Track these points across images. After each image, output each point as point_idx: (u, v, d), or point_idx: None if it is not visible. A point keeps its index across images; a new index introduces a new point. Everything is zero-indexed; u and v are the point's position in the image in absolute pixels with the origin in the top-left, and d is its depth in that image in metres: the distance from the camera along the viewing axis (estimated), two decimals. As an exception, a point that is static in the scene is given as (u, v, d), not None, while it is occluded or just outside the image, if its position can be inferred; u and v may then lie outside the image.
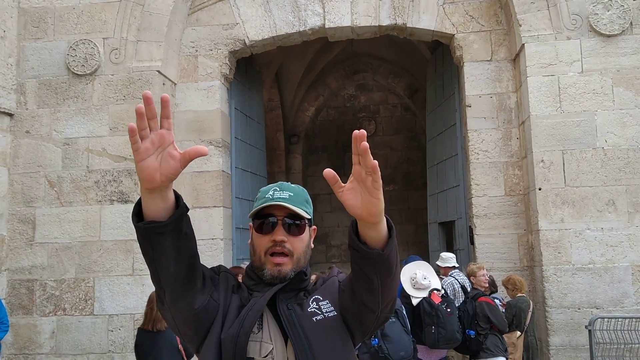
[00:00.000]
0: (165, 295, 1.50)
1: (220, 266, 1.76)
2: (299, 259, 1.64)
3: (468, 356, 6.09)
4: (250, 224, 1.71)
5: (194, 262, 1.51)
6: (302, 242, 1.65)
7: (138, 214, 1.44)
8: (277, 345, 1.55)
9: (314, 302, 1.63)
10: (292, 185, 1.71)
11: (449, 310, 5.40)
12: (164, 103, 1.33)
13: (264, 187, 1.73)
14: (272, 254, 1.62)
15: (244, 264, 6.54)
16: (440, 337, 5.29)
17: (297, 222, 1.64)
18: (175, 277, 1.47)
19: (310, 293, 1.68)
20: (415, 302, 5.48)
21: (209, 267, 1.71)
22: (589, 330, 6.04)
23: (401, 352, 4.85)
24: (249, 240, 1.72)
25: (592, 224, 6.32)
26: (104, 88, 6.98)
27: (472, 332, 5.54)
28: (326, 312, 1.61)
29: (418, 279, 5.57)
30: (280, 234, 1.61)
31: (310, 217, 1.68)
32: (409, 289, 5.59)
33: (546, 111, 6.50)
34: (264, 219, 1.63)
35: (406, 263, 6.10)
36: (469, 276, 6.34)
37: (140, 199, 1.44)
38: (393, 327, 4.91)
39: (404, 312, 5.17)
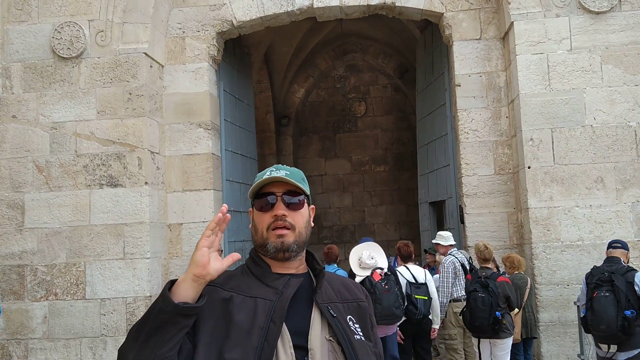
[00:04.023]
0: None
1: None
2: (301, 233, 1.66)
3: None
4: (250, 209, 1.74)
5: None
6: (303, 217, 1.68)
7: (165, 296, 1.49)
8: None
9: (350, 322, 1.65)
10: (287, 166, 1.75)
11: (386, 287, 5.62)
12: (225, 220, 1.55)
13: (260, 173, 1.76)
14: (275, 229, 1.64)
15: None
16: (377, 313, 5.39)
17: (296, 197, 1.67)
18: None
19: (320, 278, 1.68)
20: (358, 280, 5.67)
21: None
22: (578, 306, 6.11)
23: (602, 326, 4.92)
24: (250, 225, 1.74)
25: (581, 201, 6.36)
26: (90, 71, 6.90)
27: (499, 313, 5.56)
28: (359, 334, 1.64)
29: (363, 258, 5.81)
30: (280, 209, 1.64)
31: (308, 194, 1.71)
32: (355, 269, 5.84)
33: (535, 89, 6.50)
34: (264, 197, 1.67)
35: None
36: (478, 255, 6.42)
37: (170, 284, 1.50)
38: (602, 300, 4.94)
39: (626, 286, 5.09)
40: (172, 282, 1.52)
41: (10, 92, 6.95)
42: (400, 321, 5.94)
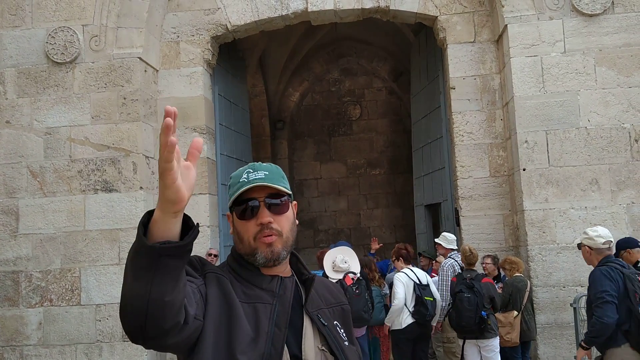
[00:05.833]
0: (147, 329, 1.29)
1: (202, 261, 1.56)
2: (288, 238, 1.58)
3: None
4: (228, 213, 1.64)
5: (185, 290, 1.34)
6: (288, 220, 1.59)
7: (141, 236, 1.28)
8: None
9: (337, 327, 1.62)
10: (264, 164, 1.63)
11: (357, 291, 5.77)
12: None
13: (235, 172, 1.63)
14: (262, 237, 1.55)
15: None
16: None
17: (280, 200, 1.58)
18: (165, 309, 1.27)
19: (309, 286, 1.64)
20: None
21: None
22: (574, 308, 6.11)
23: None
24: (231, 230, 1.65)
25: (576, 203, 6.37)
26: (84, 76, 6.88)
27: (484, 313, 5.63)
28: (345, 339, 1.61)
29: (337, 262, 5.94)
30: (265, 216, 1.54)
31: (290, 193, 1.62)
32: (329, 272, 5.93)
33: (529, 92, 6.52)
34: (245, 204, 1.55)
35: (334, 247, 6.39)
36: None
37: (145, 220, 1.28)
38: None
39: None
40: (149, 213, 1.28)
41: (4, 98, 6.92)
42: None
